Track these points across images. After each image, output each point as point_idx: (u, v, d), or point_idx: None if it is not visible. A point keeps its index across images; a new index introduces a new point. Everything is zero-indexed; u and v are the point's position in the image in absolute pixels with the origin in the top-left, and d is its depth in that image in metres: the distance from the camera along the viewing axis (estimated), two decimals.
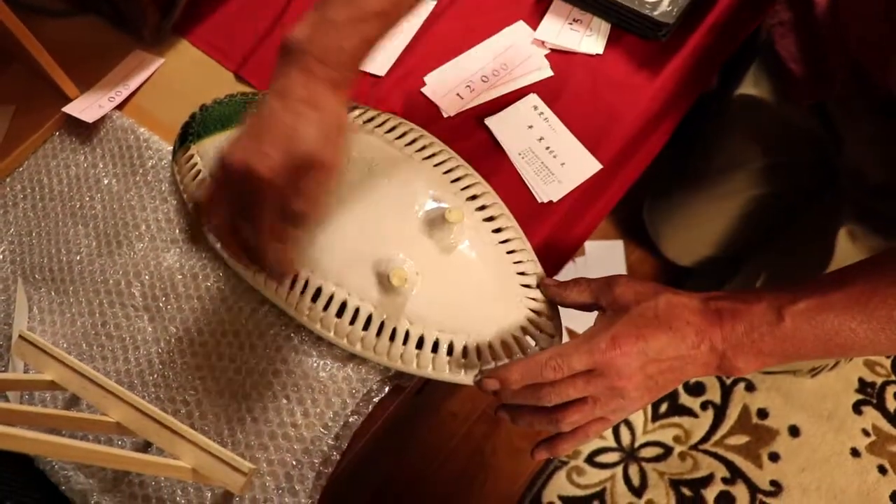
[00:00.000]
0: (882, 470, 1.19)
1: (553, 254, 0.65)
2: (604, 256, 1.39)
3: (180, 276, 0.63)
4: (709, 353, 0.50)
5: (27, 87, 0.74)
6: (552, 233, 0.64)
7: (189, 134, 0.67)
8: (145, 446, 0.58)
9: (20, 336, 0.56)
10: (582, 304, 0.55)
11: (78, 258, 0.67)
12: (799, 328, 0.48)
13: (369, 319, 0.56)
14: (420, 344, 0.55)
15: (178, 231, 0.66)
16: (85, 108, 0.71)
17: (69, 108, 0.71)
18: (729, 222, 1.08)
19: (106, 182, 0.69)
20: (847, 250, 0.85)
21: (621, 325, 0.50)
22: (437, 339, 0.55)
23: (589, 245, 1.39)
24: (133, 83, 0.74)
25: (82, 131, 0.72)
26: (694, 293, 0.52)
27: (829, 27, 0.76)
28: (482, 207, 0.60)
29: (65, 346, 0.63)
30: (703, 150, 1.06)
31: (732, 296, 0.51)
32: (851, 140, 0.81)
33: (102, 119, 0.72)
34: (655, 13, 0.69)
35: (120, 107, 0.73)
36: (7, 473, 0.57)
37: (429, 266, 0.57)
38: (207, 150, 0.65)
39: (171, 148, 0.69)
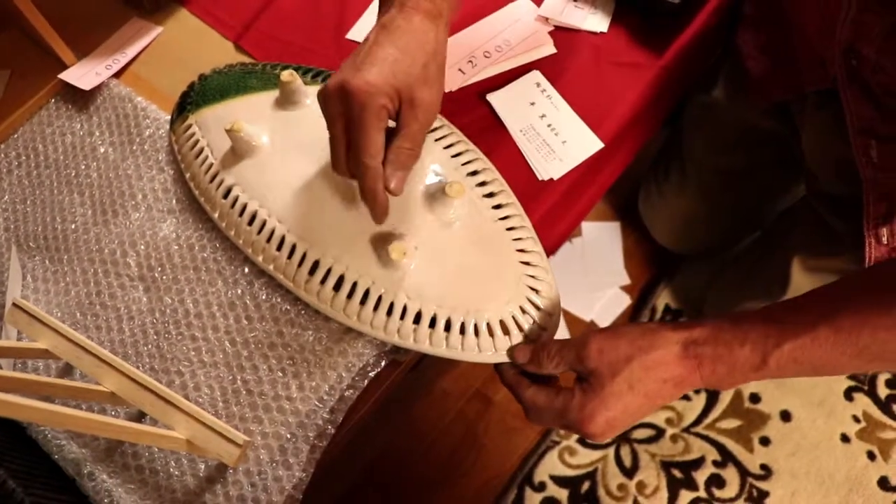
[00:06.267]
0: (871, 456, 1.20)
1: (552, 232, 0.64)
2: (601, 238, 1.38)
3: (176, 247, 0.63)
4: (685, 390, 0.51)
5: (23, 53, 0.73)
6: (551, 210, 0.64)
7: (187, 104, 0.66)
8: (139, 417, 0.58)
9: (14, 304, 0.56)
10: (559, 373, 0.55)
11: (73, 227, 0.66)
12: (783, 369, 0.48)
13: (367, 293, 0.56)
14: (417, 319, 0.55)
15: (174, 201, 0.65)
16: (81, 75, 0.70)
17: (65, 75, 0.70)
18: (709, 219, 1.10)
19: (102, 151, 0.69)
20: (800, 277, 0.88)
21: (594, 404, 0.50)
22: (435, 315, 0.55)
23: (586, 226, 1.39)
24: (131, 51, 0.73)
25: (78, 99, 0.71)
26: (673, 331, 0.51)
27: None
28: (482, 183, 0.60)
29: (59, 314, 0.63)
30: (678, 151, 1.06)
31: (715, 337, 0.50)
32: (807, 141, 0.79)
33: (99, 87, 0.71)
34: None
35: (117, 75, 0.72)
36: None
37: (428, 240, 0.56)
38: (206, 120, 0.64)
39: (168, 117, 0.68)
